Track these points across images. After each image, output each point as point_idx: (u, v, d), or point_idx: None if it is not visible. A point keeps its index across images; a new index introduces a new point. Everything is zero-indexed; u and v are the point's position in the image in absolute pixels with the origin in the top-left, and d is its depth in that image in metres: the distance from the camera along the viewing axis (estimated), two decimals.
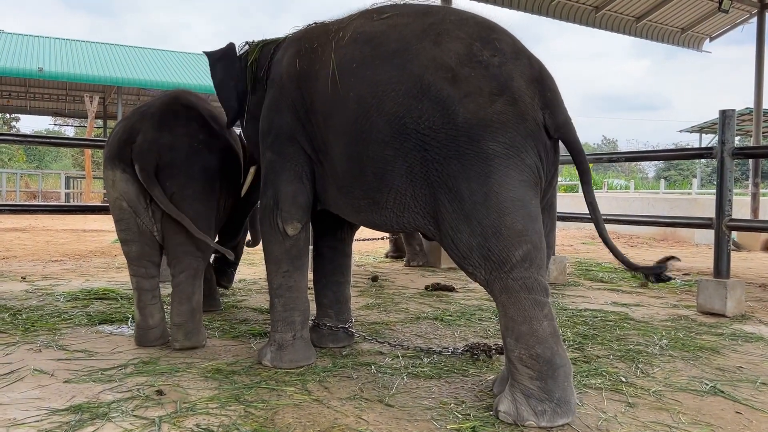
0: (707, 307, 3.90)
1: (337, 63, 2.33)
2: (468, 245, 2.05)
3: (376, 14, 2.41)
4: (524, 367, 2.00)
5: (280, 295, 2.62)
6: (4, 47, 19.60)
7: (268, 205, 2.61)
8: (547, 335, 1.99)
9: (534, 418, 1.97)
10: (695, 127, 25.28)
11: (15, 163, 31.15)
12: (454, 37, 2.17)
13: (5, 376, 2.39)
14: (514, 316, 2.01)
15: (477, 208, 2.02)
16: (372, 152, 2.21)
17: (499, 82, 2.07)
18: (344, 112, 2.29)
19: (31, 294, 4.14)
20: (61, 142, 6.87)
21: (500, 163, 2.02)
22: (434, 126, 2.08)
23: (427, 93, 2.10)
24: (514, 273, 2.00)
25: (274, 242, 2.61)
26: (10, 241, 8.03)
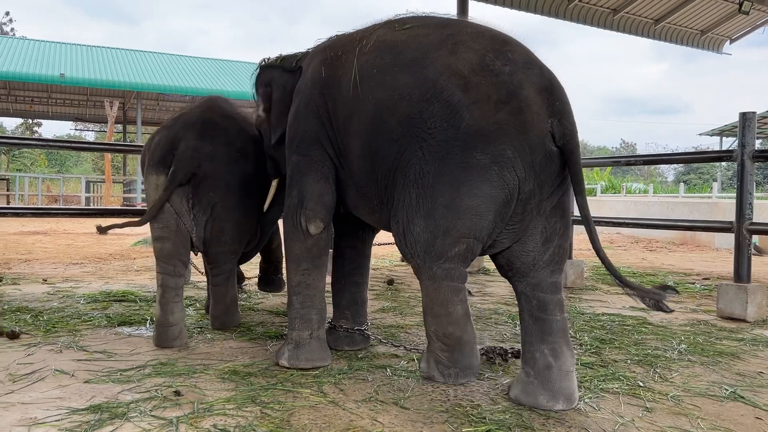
0: (727, 312, 3.86)
1: (359, 69, 2.44)
2: (416, 238, 2.26)
3: (399, 25, 2.53)
4: (437, 341, 2.34)
5: (298, 292, 2.66)
6: (27, 54, 19.95)
7: (292, 204, 2.67)
8: (459, 317, 2.29)
9: (441, 378, 2.38)
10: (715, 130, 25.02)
11: (37, 168, 31.61)
12: (469, 47, 2.28)
13: (27, 376, 2.43)
14: (434, 298, 2.29)
15: (439, 209, 2.19)
16: (383, 151, 2.34)
17: (508, 91, 2.16)
18: (363, 115, 2.40)
19: (52, 296, 4.20)
20: (82, 147, 6.98)
21: (477, 174, 2.15)
22: (439, 127, 2.20)
23: (438, 96, 2.21)
24: (444, 264, 2.24)
25: (296, 240, 2.66)
26: (32, 244, 8.16)
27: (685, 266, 6.92)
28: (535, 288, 2.28)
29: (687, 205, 10.79)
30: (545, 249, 2.29)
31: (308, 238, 2.64)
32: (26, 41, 22.64)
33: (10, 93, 22.11)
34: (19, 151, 32.62)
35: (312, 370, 2.55)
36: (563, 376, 2.19)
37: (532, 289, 2.29)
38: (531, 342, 2.27)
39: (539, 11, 9.45)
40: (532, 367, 2.23)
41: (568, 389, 2.19)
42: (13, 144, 17.72)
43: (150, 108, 24.29)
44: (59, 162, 37.98)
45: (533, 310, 2.28)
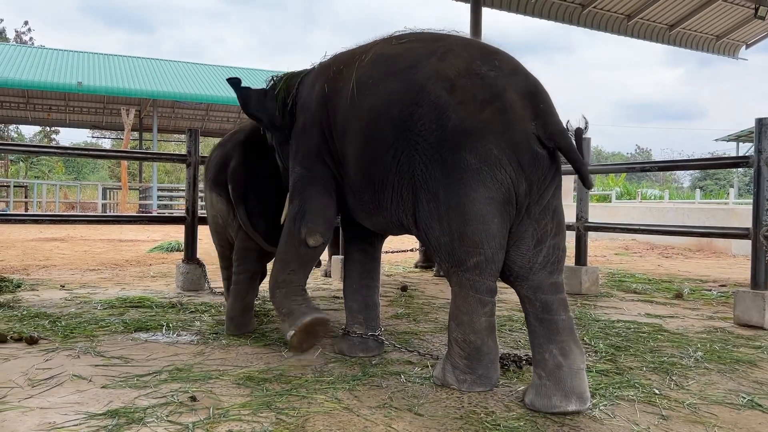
0: (744, 319, 3.82)
1: (357, 80, 2.60)
2: (438, 241, 2.37)
3: (396, 40, 2.69)
4: (457, 347, 2.39)
5: (281, 287, 2.84)
6: (46, 63, 20.27)
7: (293, 214, 2.84)
8: (482, 328, 2.34)
9: (456, 383, 2.39)
10: (732, 135, 24.80)
11: (54, 175, 31.99)
12: (458, 55, 2.43)
13: (46, 381, 2.46)
14: (460, 306, 2.36)
15: (450, 212, 2.30)
16: (378, 155, 2.48)
17: (492, 92, 2.29)
18: (359, 123, 2.57)
19: (69, 302, 4.25)
20: (99, 154, 7.07)
21: (471, 177, 2.25)
22: (427, 129, 2.33)
23: (426, 98, 2.36)
24: (467, 274, 2.32)
25: (291, 246, 2.84)
26: (49, 251, 8.26)
27: (702, 273, 6.86)
28: (536, 290, 2.32)
29: (703, 212, 10.70)
30: (538, 251, 2.33)
31: (303, 248, 2.81)
32: (44, 50, 23.00)
33: (28, 101, 22.46)
34: (37, 159, 33.06)
35: (326, 376, 2.56)
36: (574, 374, 2.20)
37: (533, 292, 2.33)
38: (539, 344, 2.29)
39: (553, 17, 9.46)
40: (543, 368, 2.25)
41: (580, 388, 2.19)
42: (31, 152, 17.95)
43: (166, 115, 24.53)
44: (76, 169, 38.43)
45: (537, 312, 2.31)
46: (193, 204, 5.10)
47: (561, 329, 2.27)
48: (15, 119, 26.01)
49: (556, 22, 9.56)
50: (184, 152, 5.22)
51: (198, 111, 24.38)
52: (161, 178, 31.24)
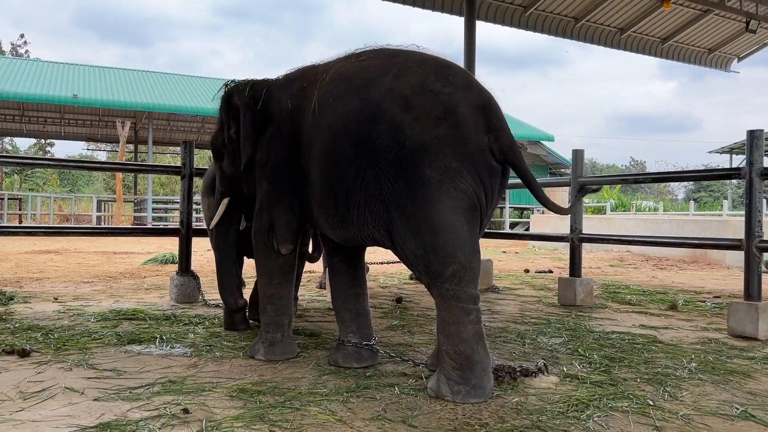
0: (738, 331, 3.83)
1: (318, 99, 2.69)
2: (414, 255, 2.42)
3: (355, 58, 2.77)
4: (449, 359, 2.40)
5: (272, 302, 3.03)
6: (41, 75, 20.28)
7: (263, 227, 2.99)
8: (470, 337, 2.37)
9: (450, 395, 2.39)
10: (725, 147, 24.94)
11: (49, 187, 31.89)
12: (413, 72, 2.50)
13: (37, 393, 2.44)
14: (445, 317, 2.40)
15: (421, 226, 2.37)
16: (340, 171, 2.55)
17: (446, 108, 2.36)
18: (321, 140, 2.64)
19: (62, 314, 4.23)
20: (94, 166, 7.06)
21: (435, 189, 2.33)
22: (386, 146, 2.40)
23: (383, 117, 2.42)
24: (446, 285, 2.37)
25: (269, 258, 3.01)
26: (43, 263, 8.22)
27: (696, 284, 6.87)
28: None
29: (697, 223, 10.74)
30: None
31: (280, 258, 2.99)
32: (40, 63, 23.02)
33: (23, 114, 22.43)
34: (32, 171, 32.98)
35: (320, 388, 2.55)
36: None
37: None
38: None
39: (547, 31, 9.53)
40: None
41: None
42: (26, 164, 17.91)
43: (161, 128, 24.54)
44: (71, 181, 38.33)
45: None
46: (187, 216, 5.09)
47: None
48: (10, 132, 25.97)
49: (549, 36, 9.63)
50: (179, 164, 5.21)
51: (193, 123, 24.38)
52: (156, 191, 31.19)
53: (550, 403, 2.42)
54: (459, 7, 8.36)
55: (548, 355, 3.24)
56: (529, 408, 2.36)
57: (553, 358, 3.15)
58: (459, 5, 8.36)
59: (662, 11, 9.56)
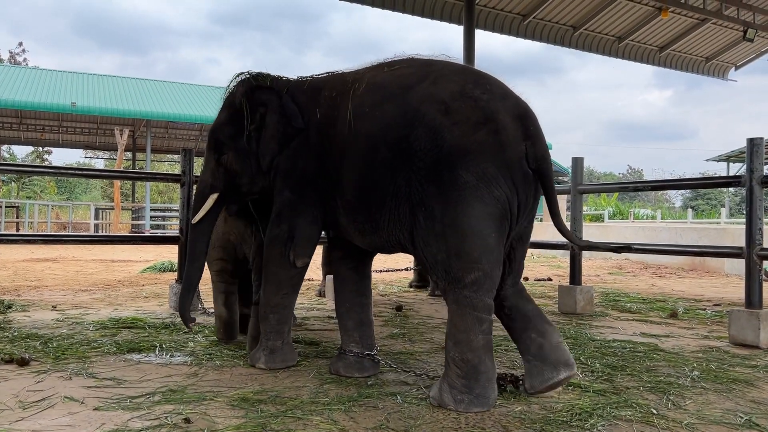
0: (740, 339, 3.82)
1: (353, 109, 2.67)
2: (434, 258, 2.41)
3: (387, 67, 2.78)
4: (455, 366, 2.40)
5: (276, 312, 2.96)
6: (39, 83, 20.28)
7: (280, 236, 2.89)
8: (480, 346, 2.38)
9: (453, 404, 2.37)
10: (722, 156, 25.01)
11: (46, 195, 31.85)
12: (450, 80, 2.54)
13: (37, 403, 2.42)
14: (457, 324, 2.39)
15: (446, 229, 2.36)
16: (376, 177, 2.56)
17: (485, 114, 2.39)
18: (357, 148, 2.63)
19: (61, 323, 4.20)
20: (91, 174, 7.06)
21: (469, 194, 2.33)
22: (423, 149, 2.41)
23: (421, 121, 2.44)
24: (464, 291, 2.36)
25: (281, 268, 2.91)
26: (41, 271, 8.19)
27: (695, 292, 6.86)
28: (503, 300, 2.60)
29: (696, 231, 10.75)
30: (511, 269, 2.60)
31: (293, 270, 2.91)
32: (38, 71, 23.04)
33: (21, 122, 22.42)
34: (29, 179, 32.93)
35: (322, 398, 2.53)
36: (555, 348, 2.51)
37: (500, 301, 2.59)
38: (519, 337, 2.59)
39: (545, 39, 9.57)
40: (528, 353, 2.54)
41: (564, 357, 2.50)
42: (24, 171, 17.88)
43: (159, 136, 24.54)
44: (68, 189, 38.28)
45: (507, 312, 2.61)
46: (187, 224, 5.06)
47: (532, 315, 2.57)
48: (8, 139, 25.94)
49: (548, 44, 9.67)
50: (179, 172, 5.21)
51: (192, 131, 24.39)
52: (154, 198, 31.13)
53: (554, 412, 2.41)
54: (458, 16, 8.40)
55: None
56: (533, 417, 2.34)
57: None
58: (458, 14, 8.39)
59: (660, 20, 9.61)
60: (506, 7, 8.93)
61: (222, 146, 3.06)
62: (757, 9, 9.55)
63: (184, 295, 3.13)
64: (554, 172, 12.88)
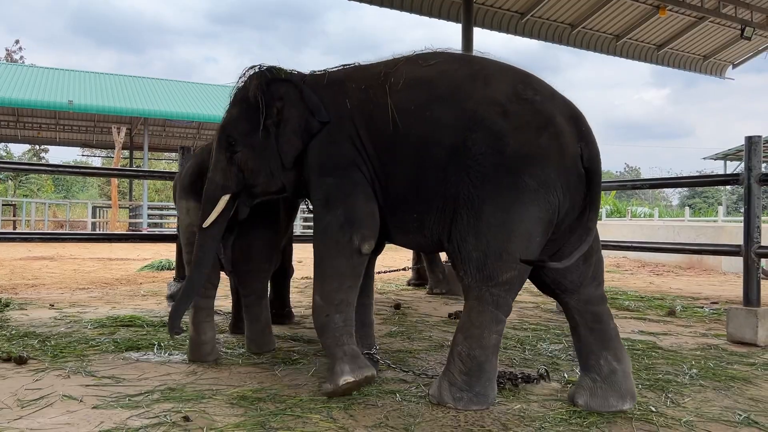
0: (738, 337, 3.82)
1: (396, 106, 2.56)
2: (468, 255, 2.38)
3: (422, 61, 2.67)
4: (459, 361, 2.38)
5: (341, 310, 2.58)
6: (36, 81, 20.22)
7: (333, 223, 2.59)
8: (490, 345, 2.37)
9: (452, 402, 2.37)
10: (719, 154, 25.04)
11: (43, 193, 31.80)
12: (500, 80, 2.50)
13: (35, 401, 2.42)
14: (474, 319, 2.38)
15: (491, 229, 2.33)
16: (427, 178, 2.49)
17: (544, 117, 2.37)
18: (406, 147, 2.54)
19: (59, 321, 4.19)
20: (89, 172, 7.04)
21: (527, 197, 2.31)
22: (483, 152, 2.36)
23: (481, 124, 2.39)
24: (494, 289, 2.35)
25: (342, 258, 2.58)
26: (38, 270, 8.18)
27: (693, 290, 6.88)
28: (586, 303, 2.50)
29: (693, 229, 10.77)
30: (588, 266, 2.50)
31: (356, 257, 2.58)
32: (35, 69, 22.97)
33: (18, 120, 22.35)
34: (26, 177, 32.87)
35: (321, 396, 2.53)
36: (626, 377, 2.43)
37: (584, 304, 2.50)
38: (592, 351, 2.47)
39: (543, 37, 9.56)
40: (597, 373, 2.44)
41: (632, 389, 2.43)
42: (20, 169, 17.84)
43: (157, 134, 24.48)
44: (65, 188, 38.23)
45: (588, 322, 2.49)
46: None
47: (613, 336, 2.49)
48: (4, 138, 25.87)
49: (545, 42, 9.67)
50: (176, 170, 5.20)
51: (189, 130, 24.34)
52: (151, 197, 31.10)
53: (553, 409, 2.42)
54: (456, 14, 8.39)
55: (549, 361, 3.23)
56: (532, 415, 2.35)
57: (553, 365, 3.14)
58: (456, 12, 8.38)
59: (658, 18, 9.61)
60: (504, 5, 8.92)
61: (235, 144, 2.85)
62: (755, 7, 9.55)
63: (183, 301, 2.89)
64: None
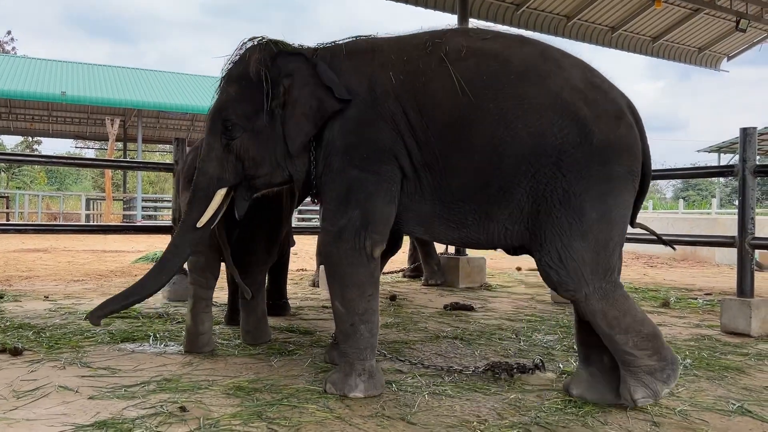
0: (731, 327, 3.85)
1: (464, 78, 2.31)
2: (581, 261, 2.24)
3: (474, 33, 2.49)
4: (641, 350, 2.25)
5: (366, 320, 2.43)
6: (29, 72, 20.05)
7: (350, 227, 2.39)
8: (643, 315, 2.30)
9: (665, 386, 2.27)
10: (713, 146, 25.08)
11: (36, 185, 31.63)
12: (571, 64, 2.39)
13: (31, 392, 2.41)
14: (615, 315, 2.25)
15: (593, 225, 2.24)
16: (507, 165, 2.27)
17: (617, 106, 2.33)
18: (479, 124, 2.29)
19: (54, 312, 4.18)
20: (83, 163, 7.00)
21: (619, 185, 2.28)
22: (572, 144, 2.24)
23: (566, 110, 2.25)
24: (611, 276, 2.28)
25: (358, 266, 2.41)
26: (32, 261, 8.14)
27: (687, 282, 6.91)
28: None
29: (687, 221, 10.81)
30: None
31: (371, 262, 2.43)
32: (27, 60, 22.78)
33: (11, 111, 22.20)
34: (19, 169, 32.68)
35: (317, 386, 2.53)
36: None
37: None
38: (596, 345, 2.40)
39: (538, 29, 9.53)
40: (598, 367, 2.42)
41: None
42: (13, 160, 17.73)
43: (151, 125, 24.38)
44: (59, 180, 38.01)
45: None
46: (180, 214, 5.03)
47: None
48: None
49: (541, 34, 9.65)
50: (171, 162, 5.18)
51: (183, 121, 24.22)
52: (145, 189, 30.98)
53: (548, 399, 2.43)
54: (452, 5, 8.35)
55: (544, 351, 3.25)
56: (528, 405, 2.36)
57: (548, 355, 3.15)
58: (452, 3, 8.35)
59: (653, 10, 9.60)
60: None
61: (233, 128, 2.53)
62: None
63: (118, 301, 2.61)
64: None
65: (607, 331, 2.26)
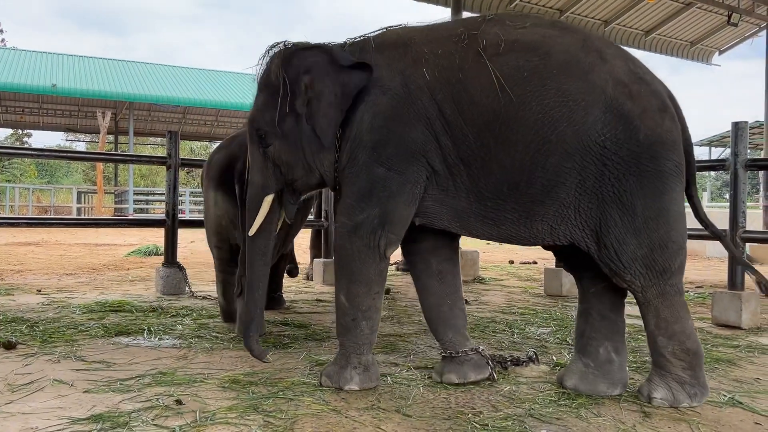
0: (722, 320, 3.89)
1: (501, 72, 2.25)
2: (633, 256, 2.24)
3: (511, 22, 2.39)
4: (678, 360, 2.28)
5: (369, 317, 2.44)
6: (19, 64, 19.88)
7: (367, 224, 2.37)
8: (692, 330, 2.30)
9: (688, 400, 2.28)
10: (704, 140, 25.19)
11: (27, 179, 31.39)
12: (614, 55, 2.32)
13: (25, 386, 2.41)
14: (667, 317, 2.27)
15: (649, 223, 2.22)
16: (551, 163, 2.22)
17: (661, 100, 2.29)
18: (521, 121, 2.23)
19: (47, 306, 4.17)
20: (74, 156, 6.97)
21: (672, 181, 2.26)
22: (618, 140, 2.20)
23: (611, 105, 2.21)
24: (672, 279, 2.26)
25: (370, 263, 2.40)
26: (24, 255, 8.11)
27: None
28: (609, 290, 2.45)
29: None
30: None
31: (383, 261, 2.43)
32: (17, 52, 22.56)
33: (0, 103, 22.01)
34: (9, 162, 32.43)
35: (313, 379, 2.54)
36: (621, 369, 2.46)
37: (606, 291, 2.46)
38: (595, 337, 2.45)
39: None
40: (593, 359, 2.45)
41: (625, 379, 2.46)
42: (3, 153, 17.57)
43: (142, 118, 24.22)
44: (49, 173, 37.73)
45: (604, 309, 2.47)
46: (173, 207, 5.03)
47: (620, 330, 2.48)
48: None
49: None
50: (163, 155, 5.16)
51: (175, 114, 24.08)
52: (137, 182, 30.77)
53: (542, 391, 2.45)
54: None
55: (537, 344, 3.27)
56: (522, 397, 2.38)
57: (542, 348, 3.18)
58: None
59: (646, 4, 9.62)
60: None
61: (266, 136, 2.54)
62: None
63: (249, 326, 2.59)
64: None
65: (653, 329, 2.30)
